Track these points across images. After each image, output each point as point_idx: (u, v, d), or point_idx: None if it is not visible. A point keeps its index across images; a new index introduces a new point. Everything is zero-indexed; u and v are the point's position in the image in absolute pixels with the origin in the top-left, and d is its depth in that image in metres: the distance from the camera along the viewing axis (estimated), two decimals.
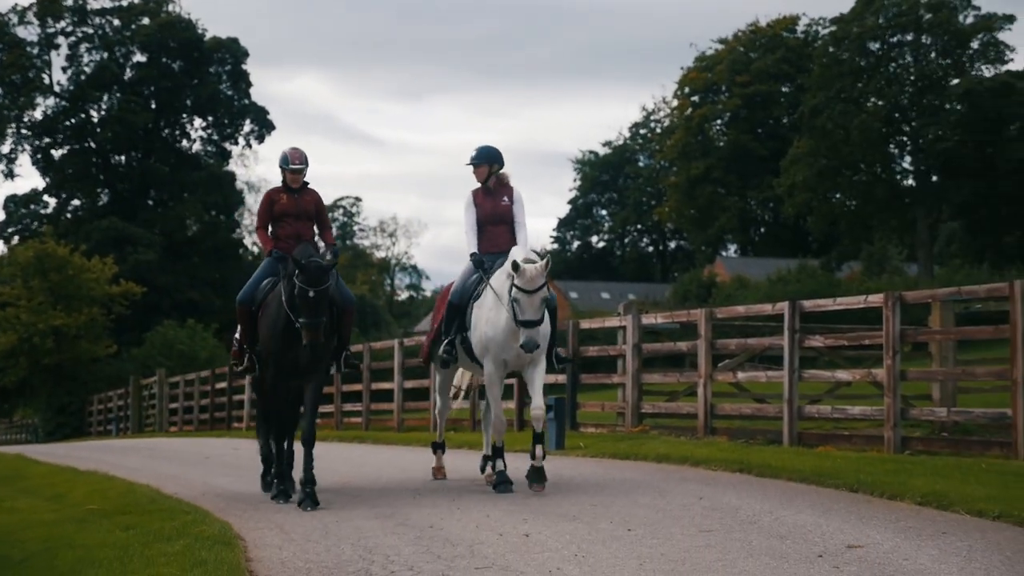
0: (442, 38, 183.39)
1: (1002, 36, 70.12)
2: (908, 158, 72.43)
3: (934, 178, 70.53)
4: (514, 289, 13.39)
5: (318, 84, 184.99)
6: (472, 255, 14.60)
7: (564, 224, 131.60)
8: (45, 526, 12.99)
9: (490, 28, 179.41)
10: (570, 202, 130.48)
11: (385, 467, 18.50)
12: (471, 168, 14.72)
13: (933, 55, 70.75)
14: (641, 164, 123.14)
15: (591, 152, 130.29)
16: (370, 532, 11.14)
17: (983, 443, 16.53)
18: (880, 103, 70.74)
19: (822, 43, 78.17)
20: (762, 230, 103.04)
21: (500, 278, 13.91)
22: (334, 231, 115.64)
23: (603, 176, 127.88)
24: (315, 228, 14.55)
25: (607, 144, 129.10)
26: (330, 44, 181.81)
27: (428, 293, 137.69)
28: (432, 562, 9.46)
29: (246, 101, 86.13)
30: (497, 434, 14.43)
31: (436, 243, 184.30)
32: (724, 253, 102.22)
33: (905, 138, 71.55)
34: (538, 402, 13.95)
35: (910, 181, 72.79)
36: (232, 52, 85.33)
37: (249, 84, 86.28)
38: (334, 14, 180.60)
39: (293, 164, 14.37)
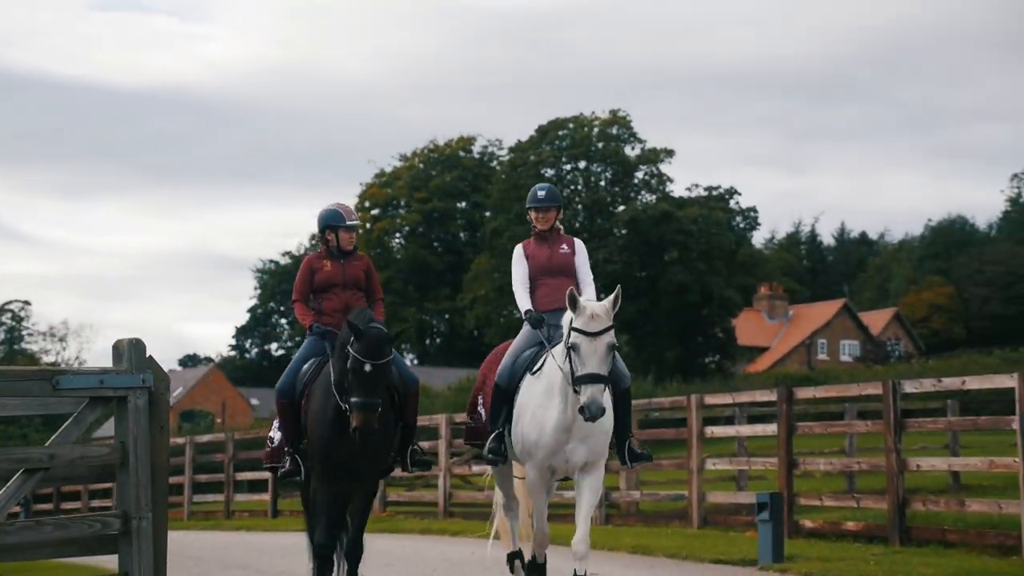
0: (105, 136, 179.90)
1: (664, 168, 75.86)
2: None
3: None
4: (573, 334, 10.43)
5: None
6: (527, 313, 11.62)
7: (243, 332, 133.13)
8: None
9: (155, 127, 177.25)
10: (249, 310, 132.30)
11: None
12: (533, 213, 12.02)
13: (603, 183, 76.43)
14: None
15: (272, 261, 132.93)
16: None
17: (667, 517, 21.68)
18: None
19: (500, 167, 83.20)
20: (438, 341, 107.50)
21: (562, 351, 10.76)
22: (0, 336, 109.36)
23: (283, 285, 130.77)
24: (365, 300, 12.22)
25: (287, 254, 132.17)
26: None
27: None
28: None
29: None
30: (539, 547, 11.53)
31: (106, 346, 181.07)
32: None
33: None
34: (583, 531, 10.96)
35: None
36: None
37: None
38: None
39: (349, 220, 12.21)
